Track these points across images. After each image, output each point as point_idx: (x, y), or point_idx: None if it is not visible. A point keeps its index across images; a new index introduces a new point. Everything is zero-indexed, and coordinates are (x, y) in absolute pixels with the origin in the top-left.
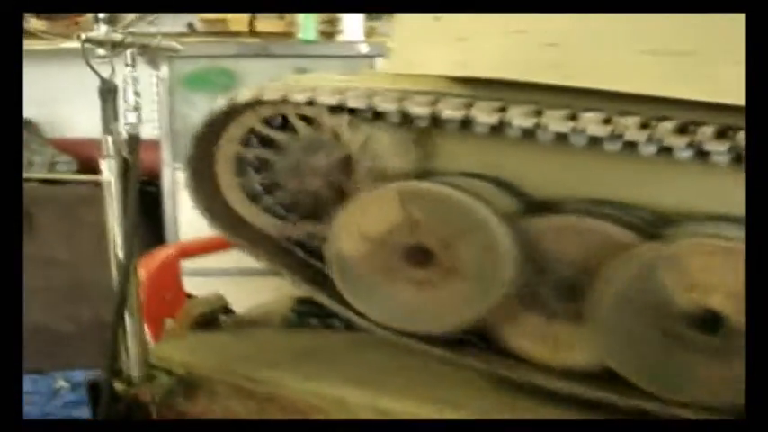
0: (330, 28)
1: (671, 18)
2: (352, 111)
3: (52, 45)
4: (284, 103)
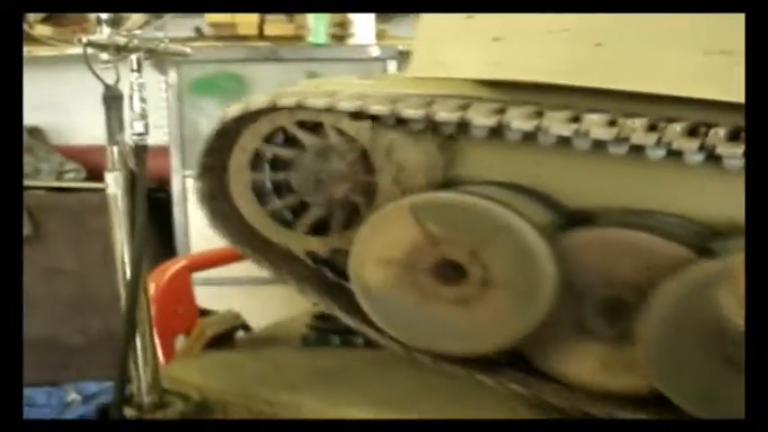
0: (341, 31)
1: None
2: (373, 117)
3: (58, 51)
4: (301, 109)
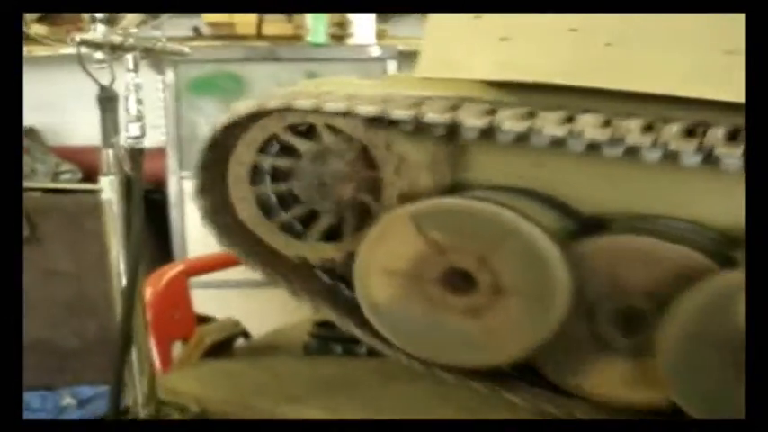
0: (340, 31)
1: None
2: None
3: (54, 51)
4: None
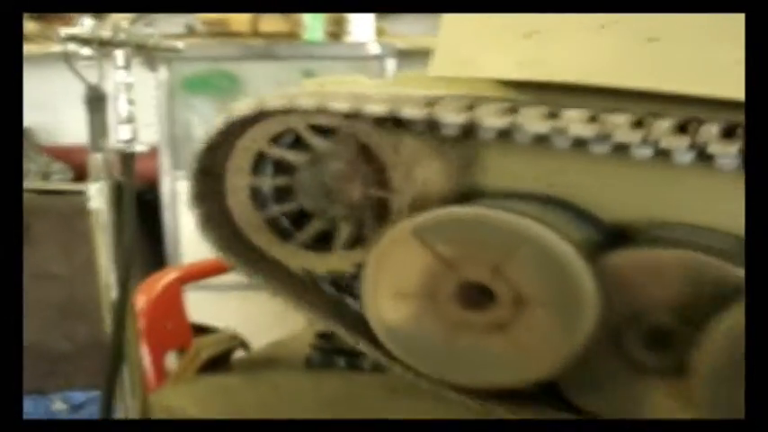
0: (337, 28)
1: None
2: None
3: (44, 48)
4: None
